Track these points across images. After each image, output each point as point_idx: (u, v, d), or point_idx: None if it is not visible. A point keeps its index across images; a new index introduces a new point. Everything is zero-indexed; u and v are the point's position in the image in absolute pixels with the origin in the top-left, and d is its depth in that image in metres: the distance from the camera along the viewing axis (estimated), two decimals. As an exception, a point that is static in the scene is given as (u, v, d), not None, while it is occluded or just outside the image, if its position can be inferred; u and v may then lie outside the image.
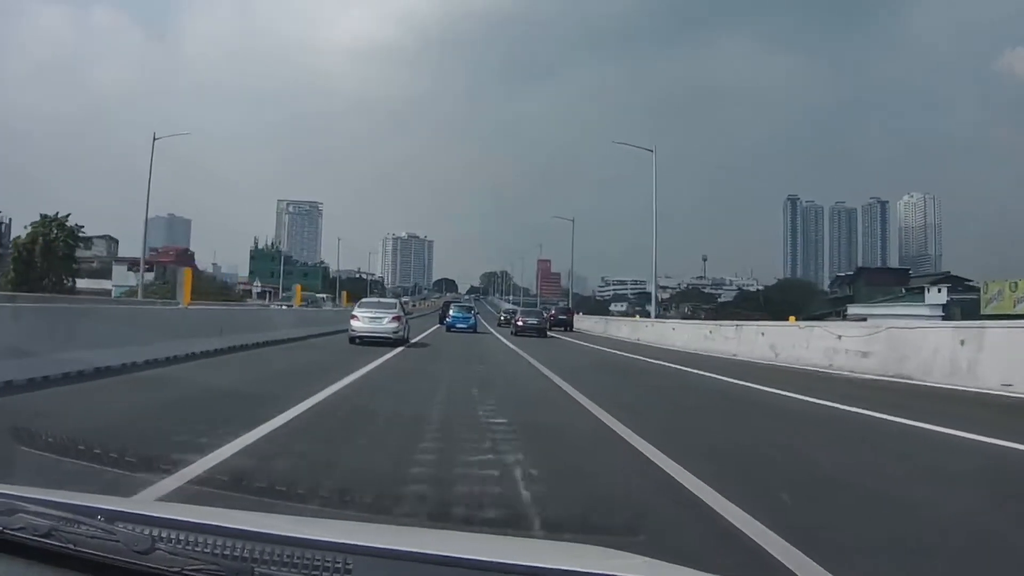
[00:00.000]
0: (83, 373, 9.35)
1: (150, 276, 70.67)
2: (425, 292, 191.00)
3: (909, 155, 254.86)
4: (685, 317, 70.66)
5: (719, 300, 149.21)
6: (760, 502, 4.14)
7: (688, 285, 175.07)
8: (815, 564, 3.08)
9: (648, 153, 38.09)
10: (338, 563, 1.33)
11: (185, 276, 22.54)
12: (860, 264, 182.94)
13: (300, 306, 34.34)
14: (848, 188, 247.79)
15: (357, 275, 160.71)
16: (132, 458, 4.31)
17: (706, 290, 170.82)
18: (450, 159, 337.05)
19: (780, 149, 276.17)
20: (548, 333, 34.78)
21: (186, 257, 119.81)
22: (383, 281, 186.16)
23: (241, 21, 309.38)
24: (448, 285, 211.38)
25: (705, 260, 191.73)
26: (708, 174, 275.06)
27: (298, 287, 37.39)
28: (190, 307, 19.47)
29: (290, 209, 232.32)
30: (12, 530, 1.47)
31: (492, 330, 39.71)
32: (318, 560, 1.34)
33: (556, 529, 3.59)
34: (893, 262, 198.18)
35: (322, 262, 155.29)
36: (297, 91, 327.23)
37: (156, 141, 40.21)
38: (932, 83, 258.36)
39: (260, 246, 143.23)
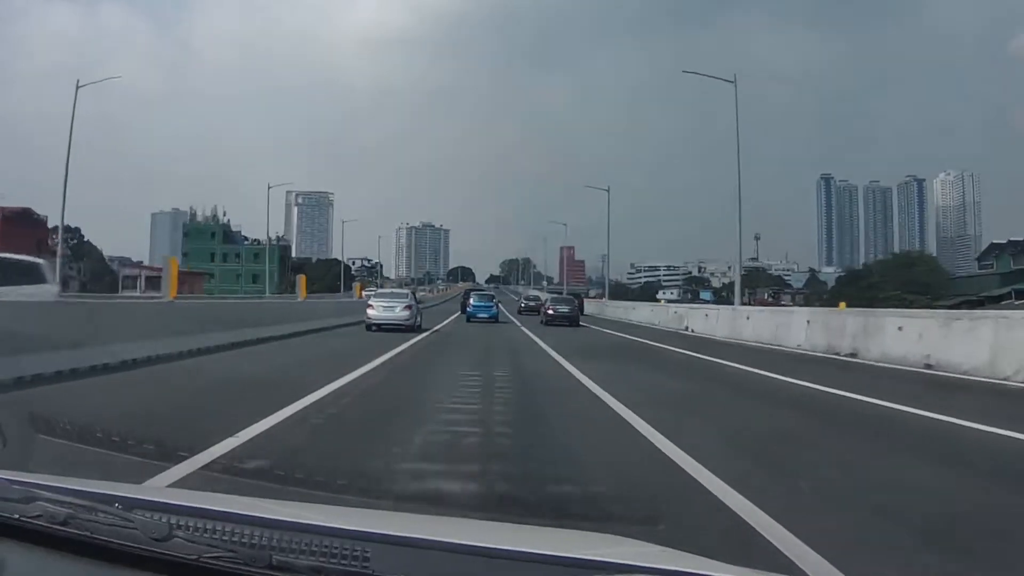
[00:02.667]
0: None
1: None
2: (439, 282, 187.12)
3: (941, 133, 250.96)
4: (764, 304, 64.92)
5: (788, 283, 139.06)
6: None
7: (742, 268, 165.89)
8: None
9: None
10: (356, 551, 1.34)
11: None
12: (896, 245, 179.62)
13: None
14: (881, 167, 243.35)
15: (357, 262, 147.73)
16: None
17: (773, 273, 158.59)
18: (469, 147, 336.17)
19: (810, 128, 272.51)
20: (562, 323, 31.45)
21: (26, 220, 76.54)
22: (380, 268, 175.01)
23: (255, 13, 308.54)
24: (464, 274, 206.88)
25: (758, 239, 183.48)
26: (735, 155, 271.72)
27: (172, 261, 21.00)
28: None
29: (299, 200, 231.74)
30: (29, 518, 1.50)
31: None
32: (336, 548, 1.35)
33: (575, 518, 3.67)
34: (931, 243, 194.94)
35: (280, 238, 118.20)
36: (310, 81, 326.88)
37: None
38: (953, 62, 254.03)
39: (199, 218, 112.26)
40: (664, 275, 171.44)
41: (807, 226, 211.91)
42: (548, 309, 33.37)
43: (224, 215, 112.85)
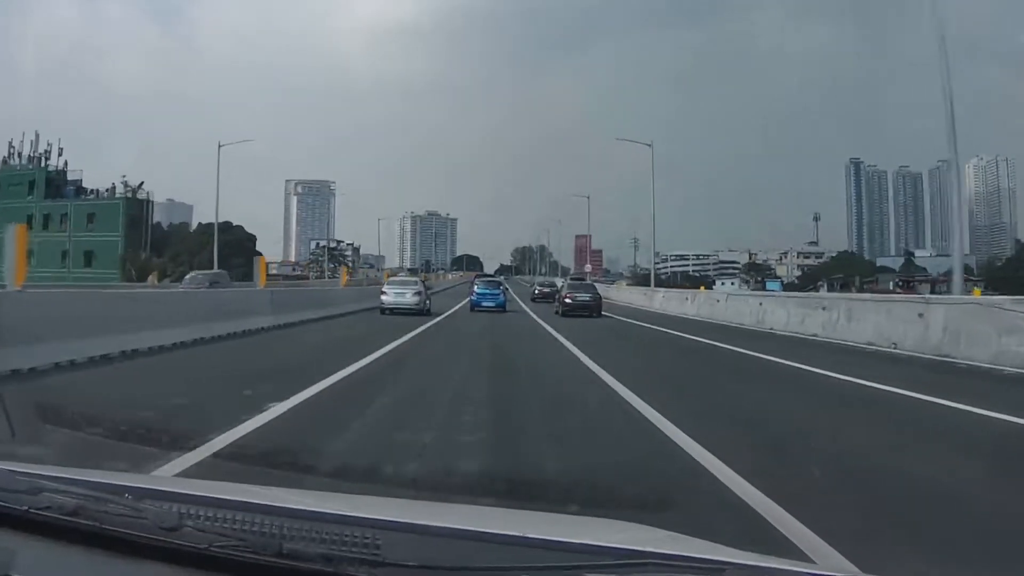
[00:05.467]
0: None
1: None
2: (440, 272, 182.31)
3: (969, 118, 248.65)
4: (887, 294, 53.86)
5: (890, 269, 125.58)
6: None
7: (803, 254, 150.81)
8: None
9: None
10: (367, 538, 1.38)
11: None
12: (928, 235, 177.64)
13: None
14: (911, 152, 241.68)
15: (324, 243, 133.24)
16: None
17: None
18: (479, 136, 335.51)
19: (835, 113, 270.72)
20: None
21: None
22: (345, 248, 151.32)
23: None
24: (471, 262, 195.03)
25: (817, 220, 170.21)
26: (757, 140, 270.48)
27: None
28: None
29: (299, 189, 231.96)
30: (38, 509, 1.55)
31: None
32: (347, 536, 1.40)
33: (585, 504, 3.74)
34: (964, 231, 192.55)
35: (133, 188, 74.48)
36: (314, 72, 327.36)
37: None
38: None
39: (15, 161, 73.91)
40: (694, 264, 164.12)
41: (833, 211, 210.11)
42: (565, 297, 30.15)
43: (60, 156, 72.16)
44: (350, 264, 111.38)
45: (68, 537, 1.53)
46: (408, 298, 27.12)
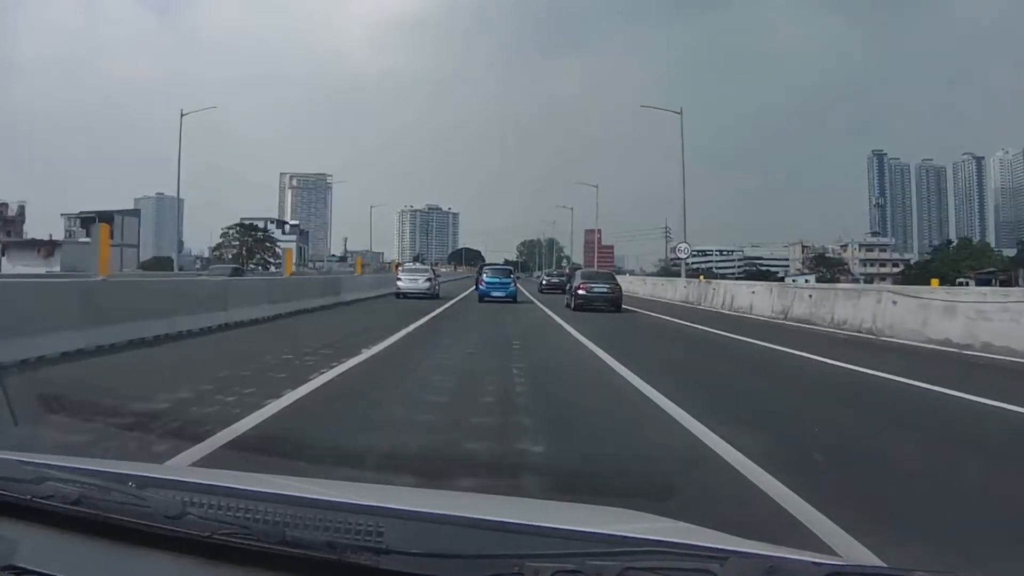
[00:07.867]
0: None
1: None
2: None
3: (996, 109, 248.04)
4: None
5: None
6: None
7: (866, 246, 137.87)
8: None
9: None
10: (370, 526, 1.43)
11: None
12: (953, 228, 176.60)
13: None
14: (937, 144, 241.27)
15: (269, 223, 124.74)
16: None
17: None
18: (484, 129, 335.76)
19: (855, 104, 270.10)
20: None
21: None
22: (288, 229, 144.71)
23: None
24: (470, 256, 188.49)
25: (879, 207, 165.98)
26: (776, 131, 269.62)
27: None
28: None
29: (294, 183, 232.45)
30: (41, 498, 1.59)
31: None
32: (349, 523, 1.44)
33: (587, 492, 3.81)
34: (990, 227, 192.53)
35: None
36: (318, 66, 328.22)
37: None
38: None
39: None
40: (718, 260, 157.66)
41: (853, 203, 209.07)
42: (579, 288, 26.69)
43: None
44: (279, 249, 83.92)
45: (71, 526, 1.57)
46: (420, 283, 32.65)
